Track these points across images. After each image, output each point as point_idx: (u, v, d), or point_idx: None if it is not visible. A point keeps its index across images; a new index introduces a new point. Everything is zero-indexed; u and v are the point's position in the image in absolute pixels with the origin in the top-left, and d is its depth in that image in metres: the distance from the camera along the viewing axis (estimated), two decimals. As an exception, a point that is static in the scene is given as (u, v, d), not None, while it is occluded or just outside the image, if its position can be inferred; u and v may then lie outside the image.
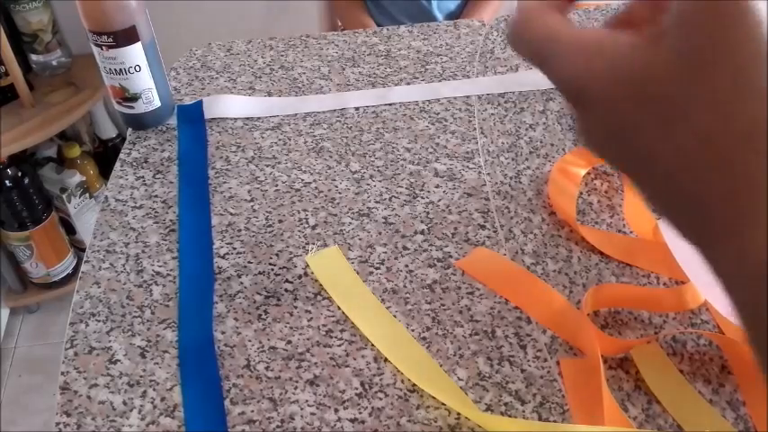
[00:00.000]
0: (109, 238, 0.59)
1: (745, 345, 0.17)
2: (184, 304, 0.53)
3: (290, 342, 0.50)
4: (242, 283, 0.54)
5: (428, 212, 0.60)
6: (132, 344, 0.50)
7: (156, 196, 0.63)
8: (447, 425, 0.44)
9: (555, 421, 0.45)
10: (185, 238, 0.59)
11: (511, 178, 0.64)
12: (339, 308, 0.52)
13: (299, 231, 0.59)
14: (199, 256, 0.57)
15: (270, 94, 0.76)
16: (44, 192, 1.56)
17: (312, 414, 0.45)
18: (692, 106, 0.23)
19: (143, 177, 0.66)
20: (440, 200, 0.62)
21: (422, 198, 0.62)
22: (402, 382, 0.47)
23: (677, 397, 0.46)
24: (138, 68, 0.67)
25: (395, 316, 0.51)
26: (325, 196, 0.62)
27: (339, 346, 0.49)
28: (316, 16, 1.48)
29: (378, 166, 0.65)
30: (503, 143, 0.68)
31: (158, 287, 0.54)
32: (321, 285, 0.54)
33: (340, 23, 1.42)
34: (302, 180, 0.64)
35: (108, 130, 1.72)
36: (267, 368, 0.48)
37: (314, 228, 0.59)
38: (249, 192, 0.63)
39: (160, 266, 0.56)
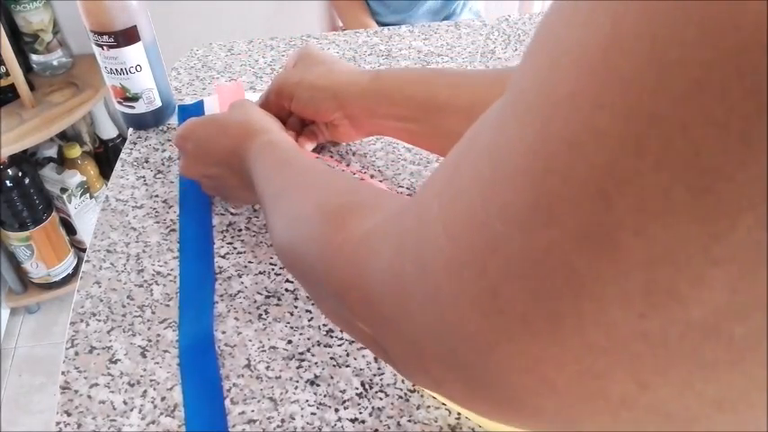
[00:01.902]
0: (110, 238, 0.59)
1: None
2: (184, 304, 0.53)
3: (290, 342, 0.50)
4: (242, 282, 0.54)
5: (429, 212, 0.60)
6: (133, 343, 0.50)
7: (156, 196, 0.63)
8: (447, 425, 0.44)
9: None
10: (186, 237, 0.59)
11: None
12: (339, 308, 0.52)
13: (300, 231, 0.59)
14: (199, 255, 0.57)
15: (270, 94, 0.76)
16: (45, 192, 1.56)
17: (312, 414, 0.45)
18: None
19: (144, 177, 0.66)
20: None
21: (422, 198, 0.62)
22: (402, 381, 0.47)
23: None
24: (138, 68, 0.67)
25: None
26: (326, 196, 0.62)
27: (339, 345, 0.49)
28: (317, 16, 1.48)
29: (378, 166, 0.65)
30: (503, 143, 0.68)
31: (159, 287, 0.54)
32: (322, 285, 0.54)
33: (341, 23, 1.42)
34: (303, 180, 0.64)
35: (108, 131, 1.72)
36: (268, 368, 0.48)
37: (314, 228, 0.59)
38: (250, 192, 0.63)
39: (161, 266, 0.56)
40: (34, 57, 1.58)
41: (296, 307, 0.52)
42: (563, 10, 0.17)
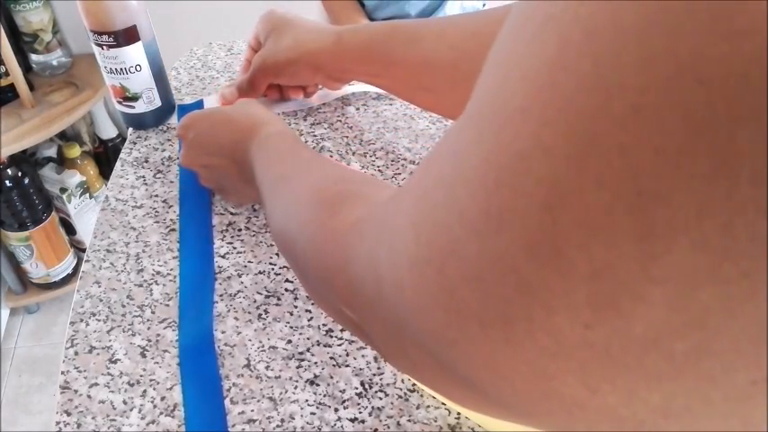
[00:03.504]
0: (109, 238, 0.59)
1: None
2: (184, 304, 0.53)
3: (290, 341, 0.50)
4: (242, 282, 0.54)
5: (428, 212, 0.60)
6: (132, 343, 0.50)
7: (156, 196, 0.63)
8: (447, 424, 0.44)
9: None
10: (186, 237, 0.59)
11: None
12: (339, 307, 0.52)
13: (300, 231, 0.59)
14: (199, 255, 0.57)
15: (270, 94, 0.76)
16: (44, 192, 1.56)
17: (312, 413, 0.45)
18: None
19: (144, 177, 0.66)
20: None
21: (422, 198, 0.62)
22: (402, 381, 0.47)
23: None
24: (138, 68, 0.67)
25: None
26: (326, 196, 0.62)
27: (339, 345, 0.49)
28: (316, 16, 1.48)
29: (378, 166, 0.65)
30: (503, 143, 0.68)
31: (158, 286, 0.54)
32: (321, 285, 0.54)
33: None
34: (303, 180, 0.64)
35: (108, 130, 1.72)
36: (267, 367, 0.48)
37: (314, 227, 0.59)
38: (249, 191, 0.63)
39: (160, 266, 0.56)
40: (34, 56, 1.58)
41: (296, 307, 0.52)
42: (515, 24, 0.18)
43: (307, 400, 0.46)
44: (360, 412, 0.45)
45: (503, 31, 0.18)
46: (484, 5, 1.33)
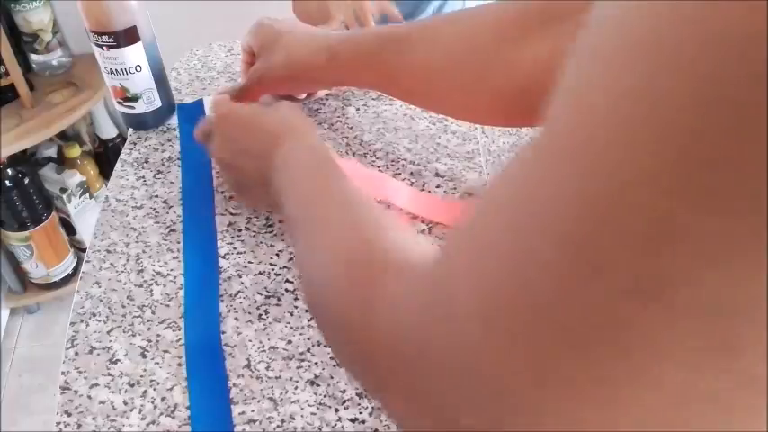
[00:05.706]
0: (109, 238, 0.59)
1: None
2: (189, 303, 0.53)
3: (290, 342, 0.50)
4: (242, 283, 0.54)
5: (429, 213, 0.60)
6: (133, 344, 0.50)
7: (156, 196, 0.63)
8: (447, 425, 0.44)
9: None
10: (189, 236, 0.59)
11: (511, 178, 0.64)
12: (340, 308, 0.52)
13: (300, 231, 0.59)
14: (203, 254, 0.57)
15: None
16: (44, 192, 1.56)
17: (312, 414, 0.45)
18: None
19: (144, 177, 0.66)
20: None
21: (422, 198, 0.62)
22: (402, 382, 0.47)
23: None
24: (138, 69, 0.67)
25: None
26: (326, 196, 0.62)
27: (340, 346, 0.49)
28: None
29: (378, 167, 0.65)
30: (504, 143, 0.68)
31: (159, 287, 0.54)
32: (322, 285, 0.54)
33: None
34: (303, 180, 0.64)
35: (108, 131, 1.72)
36: (268, 368, 0.48)
37: (314, 228, 0.59)
38: (250, 192, 0.63)
39: (161, 266, 0.56)
40: (34, 56, 1.57)
41: (296, 307, 0.52)
42: (586, 56, 0.17)
43: (307, 401, 0.46)
44: (360, 413, 0.45)
45: (573, 63, 0.18)
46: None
